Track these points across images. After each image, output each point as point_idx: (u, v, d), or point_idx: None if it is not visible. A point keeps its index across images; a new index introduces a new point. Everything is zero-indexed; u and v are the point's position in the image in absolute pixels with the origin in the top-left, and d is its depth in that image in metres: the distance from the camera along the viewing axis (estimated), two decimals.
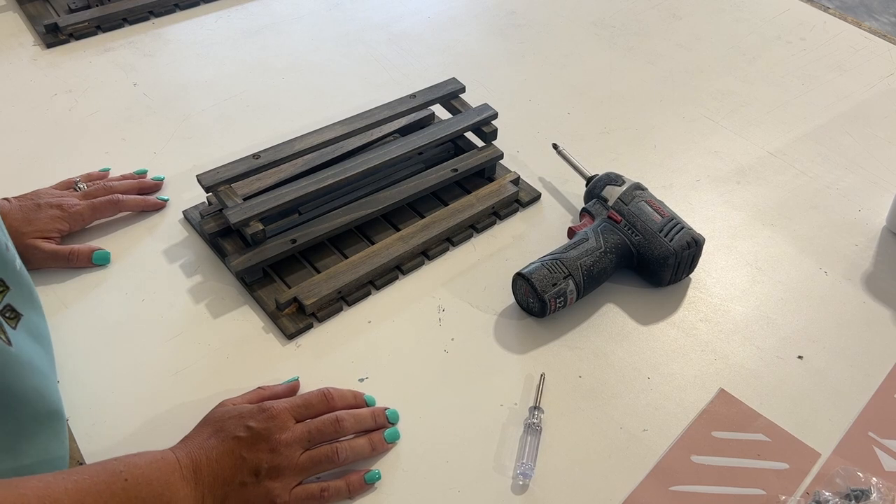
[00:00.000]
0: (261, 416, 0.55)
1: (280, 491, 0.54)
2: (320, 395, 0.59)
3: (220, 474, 0.53)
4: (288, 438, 0.55)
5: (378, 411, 0.61)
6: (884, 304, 0.73)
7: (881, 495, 0.57)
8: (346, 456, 0.57)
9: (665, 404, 0.64)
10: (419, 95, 0.84)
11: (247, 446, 0.54)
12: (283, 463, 0.54)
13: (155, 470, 0.51)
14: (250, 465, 0.53)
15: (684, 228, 0.71)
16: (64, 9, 1.08)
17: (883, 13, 2.72)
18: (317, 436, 0.56)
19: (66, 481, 0.46)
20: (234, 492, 0.53)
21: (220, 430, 0.55)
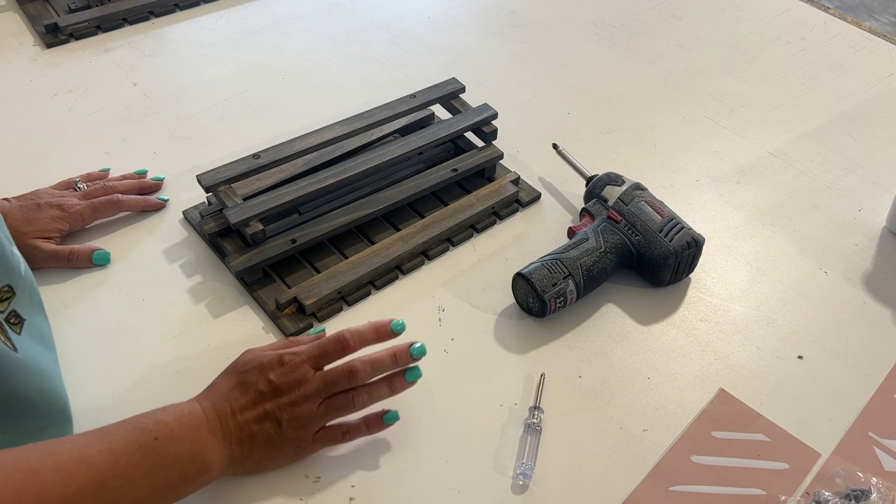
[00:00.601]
0: (280, 369, 0.57)
1: (303, 439, 0.56)
2: (336, 341, 0.58)
3: (245, 427, 0.55)
4: (306, 391, 0.56)
5: (399, 351, 0.60)
6: (884, 304, 0.73)
7: (881, 495, 0.57)
8: (363, 402, 0.58)
9: (665, 404, 0.64)
10: (419, 95, 0.84)
11: (268, 399, 0.55)
12: (303, 413, 0.56)
13: (184, 426, 0.52)
14: (273, 417, 0.55)
15: (684, 228, 0.71)
16: (64, 9, 1.08)
17: (883, 13, 2.72)
18: (332, 387, 0.57)
19: (99, 443, 0.48)
20: (259, 443, 0.55)
21: (243, 382, 0.56)
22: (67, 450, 0.46)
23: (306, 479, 0.58)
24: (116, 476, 0.47)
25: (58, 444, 0.47)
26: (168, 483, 0.50)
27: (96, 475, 0.46)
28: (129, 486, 0.48)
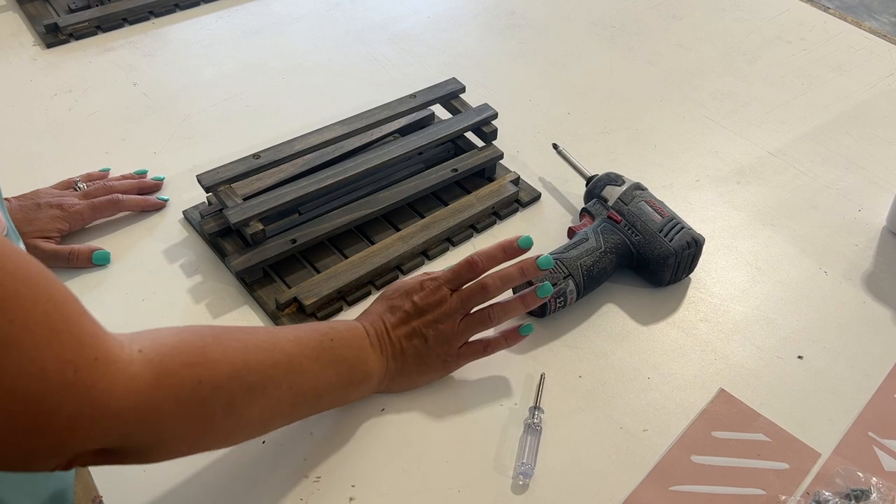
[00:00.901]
0: (422, 292, 0.63)
1: (448, 353, 0.63)
2: (467, 263, 0.64)
3: (398, 343, 0.61)
4: (446, 309, 0.62)
5: (527, 266, 0.64)
6: (884, 304, 0.73)
7: (881, 495, 0.57)
8: (498, 317, 0.63)
9: (665, 404, 0.64)
10: (419, 95, 0.84)
11: (414, 318, 0.62)
12: (446, 329, 0.62)
13: (352, 336, 0.59)
14: (420, 334, 0.62)
15: (684, 228, 0.71)
16: (64, 9, 1.08)
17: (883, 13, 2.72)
18: (469, 303, 0.63)
19: (288, 333, 0.54)
20: (411, 356, 0.62)
21: (392, 306, 0.63)
22: (265, 333, 0.53)
23: (306, 479, 0.58)
24: (302, 362, 0.53)
25: (255, 329, 0.54)
26: (339, 381, 0.57)
27: (286, 356, 0.52)
28: (311, 374, 0.54)
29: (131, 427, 0.41)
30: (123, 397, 0.40)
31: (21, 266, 0.36)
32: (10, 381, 0.35)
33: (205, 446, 0.49)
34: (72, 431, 0.38)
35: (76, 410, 0.38)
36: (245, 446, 0.60)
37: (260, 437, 0.61)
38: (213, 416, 0.47)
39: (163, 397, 0.43)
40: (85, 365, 0.38)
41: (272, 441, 0.61)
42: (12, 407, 0.35)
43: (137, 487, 0.58)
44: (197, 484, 0.58)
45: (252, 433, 0.53)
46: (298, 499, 0.57)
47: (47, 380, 0.36)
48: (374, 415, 0.63)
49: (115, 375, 0.40)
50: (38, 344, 0.36)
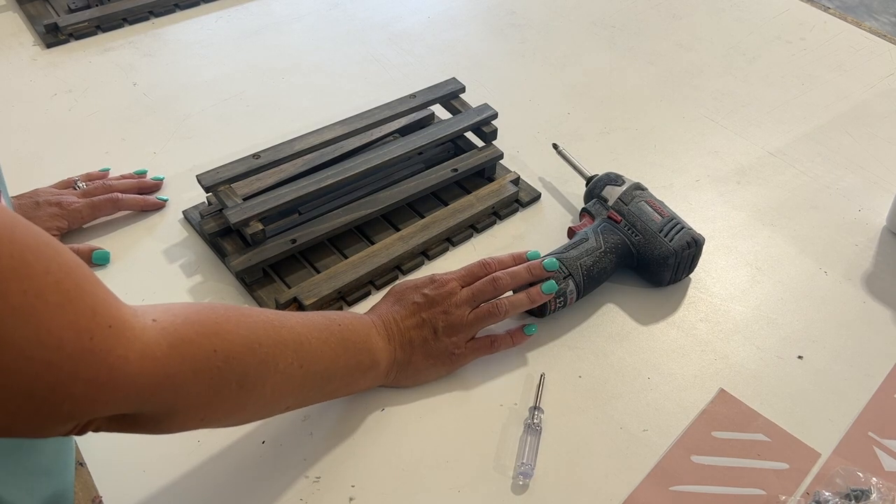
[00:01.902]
0: (432, 285, 0.65)
1: (457, 344, 0.64)
2: (480, 264, 0.67)
3: (407, 333, 0.62)
4: (457, 301, 0.64)
5: (534, 265, 0.67)
6: (884, 304, 0.73)
7: (881, 495, 0.57)
8: (506, 310, 0.65)
9: (665, 404, 0.64)
10: (419, 95, 0.84)
11: (424, 308, 0.63)
12: (455, 321, 0.63)
13: (358, 323, 0.60)
14: (429, 325, 0.63)
15: (684, 228, 0.71)
16: (64, 9, 1.08)
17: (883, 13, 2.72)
18: (479, 296, 0.65)
19: (296, 317, 0.55)
20: (419, 347, 0.62)
21: (401, 298, 0.64)
22: (273, 313, 0.53)
23: (306, 479, 0.58)
24: (310, 342, 0.53)
25: (263, 309, 0.54)
26: (347, 364, 0.57)
27: (296, 336, 0.53)
28: (319, 355, 0.54)
29: (148, 394, 0.42)
30: (140, 363, 0.40)
31: (30, 237, 0.36)
32: (26, 351, 0.35)
33: (216, 418, 0.49)
34: (89, 398, 0.39)
35: (93, 377, 0.38)
36: (245, 446, 0.60)
37: (259, 437, 0.61)
38: (228, 386, 0.47)
39: (178, 364, 0.43)
40: (100, 332, 0.38)
41: (272, 441, 0.61)
42: (29, 376, 0.36)
43: (137, 487, 0.58)
44: (197, 484, 0.58)
45: (262, 410, 0.53)
46: (298, 499, 0.57)
47: (63, 348, 0.36)
48: (374, 414, 0.63)
49: (131, 342, 0.40)
50: (52, 313, 0.36)
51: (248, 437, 0.61)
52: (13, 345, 0.34)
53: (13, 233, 0.35)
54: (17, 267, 0.35)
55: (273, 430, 0.61)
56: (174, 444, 0.60)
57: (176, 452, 0.60)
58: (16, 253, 0.35)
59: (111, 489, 0.57)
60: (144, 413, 0.43)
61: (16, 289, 0.34)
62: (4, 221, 0.35)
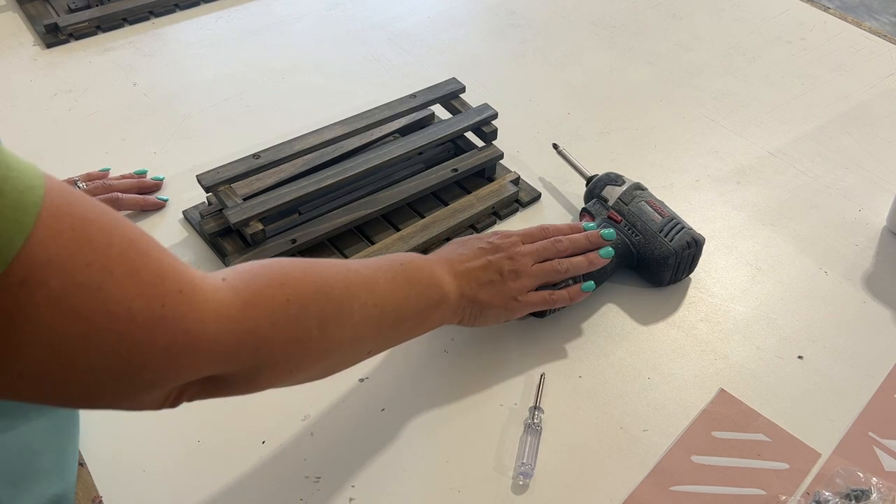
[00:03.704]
0: (496, 235, 0.66)
1: (520, 289, 0.64)
2: (540, 228, 0.69)
3: (472, 271, 0.62)
4: (521, 251, 0.65)
5: (592, 234, 0.69)
6: (884, 304, 0.73)
7: (881, 495, 0.57)
8: (567, 269, 0.66)
9: (665, 404, 0.64)
10: (419, 95, 0.84)
11: (490, 253, 0.64)
12: (520, 268, 0.64)
13: (420, 260, 0.60)
14: (495, 267, 0.63)
15: (684, 228, 0.71)
16: (64, 9, 1.08)
17: (883, 13, 2.72)
18: (542, 252, 0.66)
19: (360, 262, 0.54)
20: (486, 286, 0.62)
21: (465, 244, 0.65)
22: (337, 261, 0.53)
23: (306, 479, 0.58)
24: (378, 281, 0.53)
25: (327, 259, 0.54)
26: (417, 300, 0.57)
27: (364, 279, 0.53)
28: (389, 293, 0.54)
29: (230, 353, 0.42)
30: (217, 324, 0.40)
31: (90, 210, 0.36)
32: (100, 325, 0.35)
33: (303, 368, 0.48)
34: (170, 365, 0.39)
35: (171, 344, 0.38)
36: (245, 446, 0.60)
37: (259, 437, 0.61)
38: (308, 334, 0.47)
39: (255, 319, 0.43)
40: (171, 298, 0.38)
41: (272, 441, 0.61)
42: (104, 347, 0.35)
43: (137, 487, 0.58)
44: (197, 484, 0.58)
45: (345, 355, 0.53)
46: (298, 499, 0.57)
47: (136, 319, 0.36)
48: (374, 414, 0.63)
49: (204, 304, 0.40)
50: (120, 284, 0.35)
51: (248, 437, 0.61)
52: (82, 319, 0.34)
53: (73, 207, 0.35)
54: (80, 240, 0.34)
55: (273, 430, 0.61)
56: (174, 444, 0.60)
57: (176, 452, 0.60)
58: (77, 226, 0.34)
59: (111, 489, 0.57)
60: (232, 373, 0.43)
61: (79, 263, 0.34)
62: (63, 196, 0.34)
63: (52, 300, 0.33)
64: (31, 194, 0.32)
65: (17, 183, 0.32)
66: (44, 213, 0.33)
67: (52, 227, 0.33)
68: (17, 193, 0.32)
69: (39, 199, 0.33)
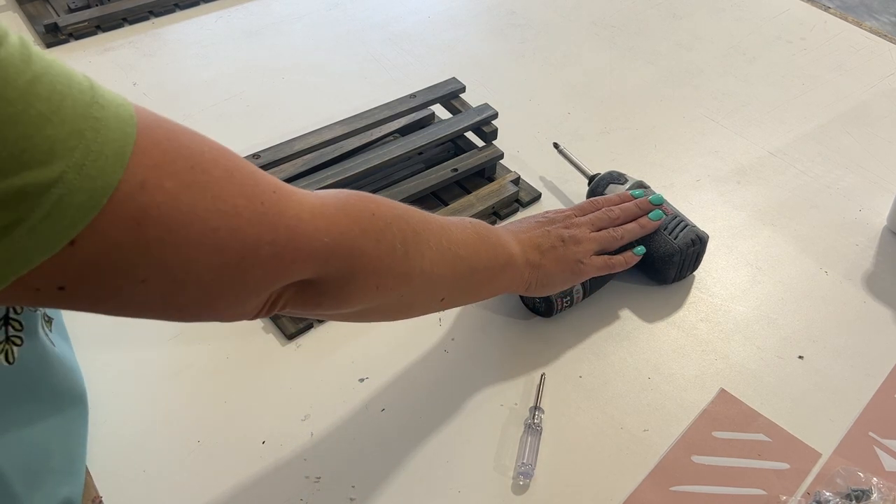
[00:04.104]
0: (549, 212, 0.69)
1: (583, 253, 0.66)
2: (590, 202, 0.71)
3: (535, 239, 0.64)
4: (577, 221, 0.67)
5: (641, 201, 0.72)
6: (884, 304, 0.73)
7: (882, 495, 0.57)
8: (622, 235, 0.69)
9: (665, 404, 0.64)
10: (419, 95, 0.84)
11: (548, 224, 0.66)
12: (579, 235, 0.66)
13: (487, 224, 0.61)
14: (555, 235, 0.65)
15: (688, 226, 0.71)
16: (64, 9, 1.07)
17: (883, 13, 2.72)
18: (596, 222, 0.68)
19: (432, 216, 0.55)
20: (548, 251, 0.64)
21: (520, 222, 0.67)
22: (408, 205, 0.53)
23: (306, 479, 0.58)
24: (450, 228, 0.55)
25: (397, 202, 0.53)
26: (488, 257, 0.58)
27: (437, 221, 0.54)
28: (463, 241, 0.55)
29: (327, 253, 0.43)
30: (313, 222, 0.42)
31: (172, 122, 0.37)
32: (210, 222, 0.36)
33: (389, 288, 0.49)
34: (276, 260, 0.40)
35: (275, 238, 0.39)
36: (245, 446, 0.60)
37: (259, 437, 0.61)
38: (393, 250, 0.48)
39: (347, 223, 0.44)
40: (268, 197, 0.39)
41: (272, 441, 0.61)
42: (218, 245, 0.36)
43: (137, 487, 0.58)
44: (197, 484, 0.58)
45: (424, 291, 0.53)
46: (298, 499, 0.57)
47: (241, 214, 0.37)
48: (374, 415, 0.63)
49: (299, 204, 0.41)
50: (220, 183, 0.37)
51: (248, 437, 0.61)
52: (197, 217, 0.35)
53: (159, 119, 0.36)
54: (178, 147, 0.36)
55: (273, 430, 0.61)
56: (174, 444, 0.60)
57: (176, 452, 0.60)
58: (171, 136, 0.36)
59: (111, 489, 0.57)
60: (326, 278, 0.44)
61: (183, 166, 0.35)
62: (149, 115, 0.36)
63: (170, 201, 0.34)
64: (126, 108, 0.34)
65: (112, 101, 0.34)
66: (140, 124, 0.34)
67: (151, 136, 0.34)
68: (115, 107, 0.34)
69: (133, 113, 0.34)
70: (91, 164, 0.31)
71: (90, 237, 0.32)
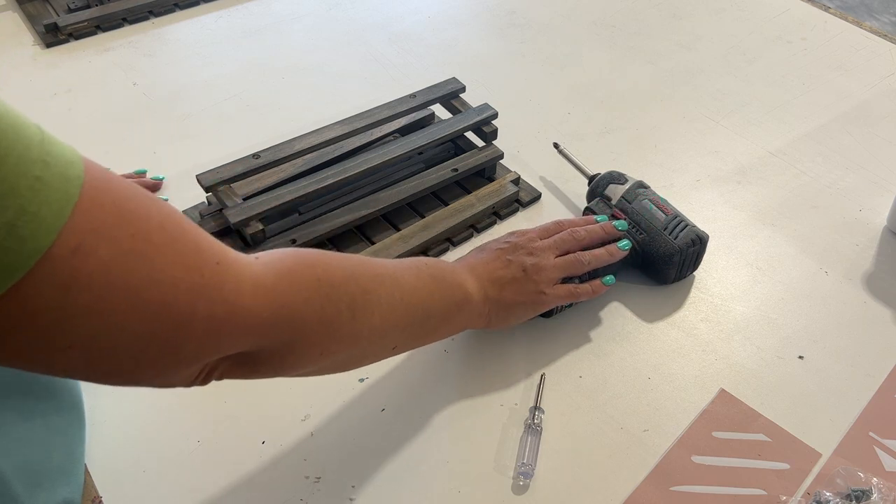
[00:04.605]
0: (512, 236, 0.67)
1: (545, 283, 0.64)
2: (555, 223, 0.69)
3: (494, 272, 0.63)
4: (540, 246, 0.65)
5: (606, 225, 0.70)
6: (884, 304, 0.73)
7: (882, 495, 0.57)
8: (589, 261, 0.67)
9: (665, 404, 0.64)
10: (419, 95, 0.84)
11: (510, 252, 0.64)
12: (542, 263, 0.64)
13: (443, 263, 0.60)
14: (517, 265, 0.63)
15: (689, 226, 0.71)
16: (63, 8, 1.08)
17: (883, 13, 2.72)
18: (561, 244, 0.66)
19: (384, 260, 0.55)
20: (508, 284, 0.63)
21: (483, 249, 0.66)
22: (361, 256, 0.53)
23: (306, 479, 0.58)
24: (404, 276, 0.54)
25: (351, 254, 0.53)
26: (443, 299, 0.57)
27: (389, 271, 0.53)
28: (416, 289, 0.54)
29: (266, 326, 0.42)
30: (253, 295, 0.41)
31: (126, 187, 0.36)
32: (143, 293, 0.35)
33: (334, 352, 0.48)
34: (210, 335, 0.39)
35: (212, 312, 0.38)
36: (245, 446, 0.60)
37: (260, 437, 0.61)
38: (339, 315, 0.47)
39: (289, 293, 0.43)
40: (209, 268, 0.39)
41: (272, 441, 0.61)
42: (150, 317, 0.36)
43: (137, 487, 0.58)
44: (197, 484, 0.58)
45: (373, 346, 0.53)
46: (298, 499, 0.57)
47: (178, 286, 0.37)
48: (374, 414, 0.63)
49: (240, 276, 0.41)
50: (161, 253, 0.36)
51: (248, 437, 0.61)
52: (130, 287, 0.35)
53: (110, 181, 0.35)
54: (122, 213, 0.35)
55: (273, 430, 0.61)
56: (174, 444, 0.60)
57: (176, 452, 0.60)
58: (118, 200, 0.35)
59: (111, 489, 0.57)
60: (265, 349, 0.43)
61: (124, 232, 0.35)
62: (100, 174, 0.35)
63: (103, 269, 0.33)
64: (74, 167, 0.33)
65: (60, 157, 0.33)
66: (86, 186, 0.33)
67: (96, 199, 0.34)
68: (62, 166, 0.33)
69: (81, 172, 0.34)
70: (23, 225, 0.30)
71: (14, 299, 0.31)
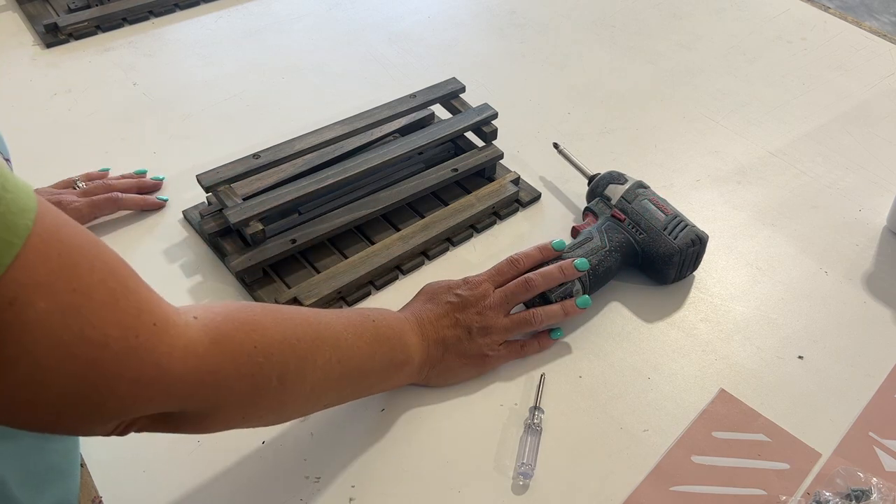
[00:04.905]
0: (465, 286, 0.65)
1: (490, 346, 0.64)
2: (508, 262, 0.67)
3: (440, 331, 0.62)
4: (491, 303, 0.64)
5: (566, 265, 0.67)
6: (884, 304, 0.73)
7: (882, 495, 0.57)
8: (541, 319, 0.65)
9: (665, 404, 0.64)
10: (419, 95, 0.84)
11: (458, 309, 0.63)
12: (489, 323, 0.64)
13: (393, 319, 0.60)
14: (463, 325, 0.63)
15: (688, 226, 0.71)
16: (63, 8, 1.08)
17: (883, 13, 2.72)
18: (512, 298, 0.65)
19: (330, 312, 0.55)
20: (453, 346, 0.62)
21: (434, 297, 0.65)
22: (307, 310, 0.53)
23: (306, 479, 0.58)
24: (347, 339, 0.53)
25: (299, 308, 0.53)
26: (383, 361, 0.57)
27: (332, 333, 0.53)
28: (355, 350, 0.54)
29: (191, 390, 0.42)
30: (184, 360, 0.41)
31: (76, 236, 0.36)
32: (73, 348, 0.35)
33: (257, 415, 0.49)
34: (134, 396, 0.39)
35: (139, 375, 0.38)
36: (245, 446, 0.60)
37: (260, 437, 0.61)
38: (268, 383, 0.47)
39: (221, 361, 0.43)
40: (145, 330, 0.38)
41: (272, 441, 0.61)
42: (76, 373, 0.36)
43: (137, 487, 0.58)
44: (197, 484, 0.58)
45: (301, 407, 0.53)
46: (298, 499, 0.57)
47: (109, 346, 0.36)
48: (374, 414, 0.63)
49: (175, 339, 0.40)
50: (99, 311, 0.36)
51: (248, 437, 0.61)
52: (61, 343, 0.34)
53: (59, 232, 0.35)
54: (65, 266, 0.35)
55: (273, 430, 0.61)
56: (174, 444, 0.60)
57: (176, 452, 0.60)
58: (64, 252, 0.35)
59: (111, 489, 0.57)
60: (187, 411, 0.43)
61: (63, 287, 0.34)
62: (52, 221, 0.35)
63: (39, 322, 0.33)
64: (24, 217, 0.33)
65: (12, 205, 0.32)
66: (34, 236, 0.33)
67: (41, 251, 0.33)
68: (11, 215, 0.32)
69: (30, 223, 0.33)
70: None
71: None
